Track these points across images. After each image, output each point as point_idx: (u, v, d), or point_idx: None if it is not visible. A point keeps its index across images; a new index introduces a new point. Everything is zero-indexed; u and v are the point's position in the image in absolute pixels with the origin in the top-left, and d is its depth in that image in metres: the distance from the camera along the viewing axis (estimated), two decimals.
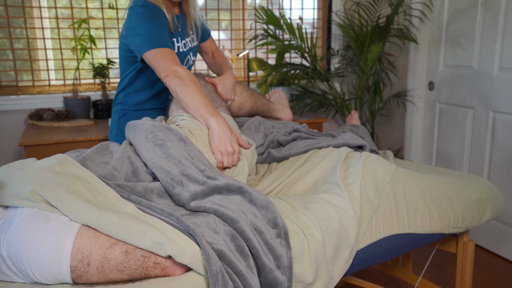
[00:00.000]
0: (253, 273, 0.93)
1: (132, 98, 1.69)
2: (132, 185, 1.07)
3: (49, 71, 2.42)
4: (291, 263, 0.99)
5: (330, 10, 2.87)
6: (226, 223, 0.99)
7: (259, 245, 0.96)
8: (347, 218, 1.17)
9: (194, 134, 1.31)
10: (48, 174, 0.94)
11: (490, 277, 2.27)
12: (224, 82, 1.65)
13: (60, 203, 0.89)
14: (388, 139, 3.18)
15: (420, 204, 1.38)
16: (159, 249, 0.87)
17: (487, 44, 2.45)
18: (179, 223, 0.94)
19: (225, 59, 1.83)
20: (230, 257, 0.90)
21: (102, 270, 0.86)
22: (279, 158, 1.55)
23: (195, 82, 1.38)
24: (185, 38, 1.66)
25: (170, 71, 1.39)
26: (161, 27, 1.47)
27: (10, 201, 0.91)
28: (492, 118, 2.46)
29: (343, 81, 2.98)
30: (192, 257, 0.88)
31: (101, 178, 1.03)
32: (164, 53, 1.43)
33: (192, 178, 1.09)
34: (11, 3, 2.27)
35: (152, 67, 1.44)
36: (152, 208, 0.99)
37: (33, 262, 0.83)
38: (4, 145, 2.33)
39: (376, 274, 2.29)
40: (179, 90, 1.36)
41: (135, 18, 1.46)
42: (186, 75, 1.38)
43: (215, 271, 0.85)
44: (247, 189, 1.08)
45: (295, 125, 1.70)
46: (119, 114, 1.72)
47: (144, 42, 1.43)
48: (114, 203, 0.97)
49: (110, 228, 0.88)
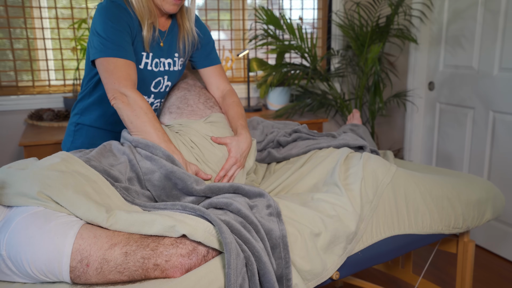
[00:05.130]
0: (257, 241, 0.97)
1: (89, 112, 1.48)
2: (140, 191, 1.11)
3: (49, 71, 2.41)
4: (284, 234, 1.02)
5: (330, 10, 2.87)
6: (222, 209, 1.04)
7: (257, 221, 1.01)
8: (345, 214, 1.18)
9: (196, 142, 1.31)
10: (53, 173, 0.95)
11: (491, 277, 2.27)
12: (239, 145, 1.34)
13: (70, 205, 0.91)
14: (388, 139, 3.18)
15: (420, 204, 1.38)
16: (171, 232, 0.91)
17: (487, 44, 2.45)
18: (185, 208, 1.00)
19: (241, 112, 1.45)
20: (238, 227, 0.96)
21: (101, 271, 0.86)
22: (279, 159, 1.55)
23: (147, 111, 1.20)
24: (163, 58, 1.40)
25: (118, 94, 1.20)
26: (123, 31, 1.26)
27: (14, 200, 0.91)
28: (492, 118, 2.46)
29: (343, 81, 2.98)
30: (205, 233, 0.92)
31: (107, 179, 1.04)
32: (117, 67, 1.22)
33: (185, 191, 1.13)
34: (11, 3, 2.27)
35: (102, 81, 1.25)
36: (156, 206, 1.04)
37: (33, 261, 0.83)
38: (4, 145, 2.33)
39: (376, 274, 2.29)
40: (128, 121, 1.19)
41: (98, 13, 1.27)
42: (136, 102, 1.19)
43: (229, 239, 0.90)
44: (238, 185, 1.12)
45: (295, 125, 1.70)
46: (75, 126, 1.50)
47: (99, 46, 1.23)
48: (119, 206, 1.00)
49: (122, 224, 0.91)
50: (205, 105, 1.44)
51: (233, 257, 0.88)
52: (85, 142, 1.49)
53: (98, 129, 1.49)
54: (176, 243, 0.91)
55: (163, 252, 0.88)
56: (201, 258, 0.92)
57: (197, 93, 1.49)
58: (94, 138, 1.49)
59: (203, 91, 1.50)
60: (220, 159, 1.32)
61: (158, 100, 1.48)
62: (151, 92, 1.43)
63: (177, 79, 1.50)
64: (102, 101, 1.45)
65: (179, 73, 1.48)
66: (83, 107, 1.48)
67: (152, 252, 0.88)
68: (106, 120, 1.49)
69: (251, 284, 0.92)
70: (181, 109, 1.42)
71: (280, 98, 2.66)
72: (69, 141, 1.51)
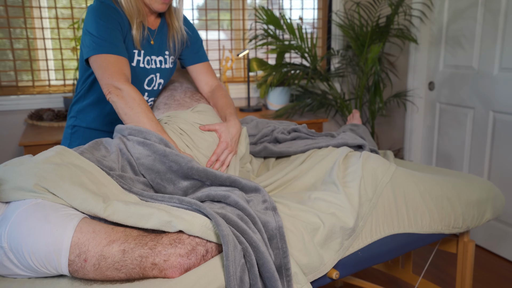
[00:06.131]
0: (255, 232, 0.97)
1: (85, 114, 1.50)
2: (134, 178, 1.11)
3: (49, 71, 2.41)
4: (280, 225, 1.02)
5: (330, 10, 2.87)
6: (220, 202, 1.04)
7: (254, 212, 1.01)
8: (342, 211, 1.18)
9: (184, 129, 1.32)
10: (49, 166, 0.95)
11: (491, 277, 2.27)
12: (228, 129, 1.36)
13: (67, 196, 0.91)
14: (388, 139, 3.18)
15: (420, 204, 1.38)
16: (168, 227, 0.91)
17: (487, 44, 2.45)
18: (181, 202, 0.99)
19: (230, 102, 1.49)
20: (234, 219, 0.96)
21: (98, 267, 0.86)
22: (276, 153, 1.54)
23: (140, 103, 1.23)
24: (154, 56, 1.44)
25: (112, 88, 1.23)
26: (114, 29, 1.29)
27: (12, 195, 0.91)
28: (492, 118, 2.46)
29: (343, 81, 2.98)
30: (202, 228, 0.92)
31: (103, 168, 1.05)
32: (111, 62, 1.25)
33: (180, 172, 1.13)
34: (11, 3, 2.27)
35: (96, 77, 1.28)
36: (154, 197, 1.04)
37: (33, 253, 0.84)
38: (4, 145, 2.33)
39: (376, 274, 2.29)
40: (122, 113, 1.23)
41: (89, 14, 1.29)
42: (130, 94, 1.22)
43: (226, 231, 0.90)
44: (235, 178, 1.12)
45: (294, 124, 1.70)
46: (72, 129, 1.53)
47: (92, 44, 1.26)
48: (116, 194, 0.99)
49: (119, 215, 0.90)
50: (191, 98, 1.49)
51: (231, 249, 0.89)
52: (82, 144, 1.50)
53: (94, 131, 1.52)
54: (175, 242, 0.90)
55: (161, 252, 0.88)
56: (200, 258, 0.92)
57: (183, 91, 1.54)
58: (91, 140, 1.49)
59: (189, 89, 1.54)
60: (211, 144, 1.33)
61: (152, 98, 1.52)
62: (145, 90, 1.46)
63: (169, 77, 1.54)
64: (98, 102, 1.47)
65: (170, 71, 1.52)
66: (79, 109, 1.50)
67: (150, 251, 0.88)
68: (102, 121, 1.50)
69: (250, 275, 0.92)
70: (168, 104, 1.47)
71: (280, 98, 2.66)
72: (66, 144, 1.53)
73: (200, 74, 1.55)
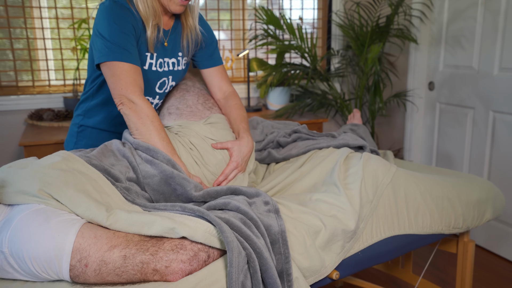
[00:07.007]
0: (258, 237, 0.97)
1: (93, 114, 1.47)
2: (140, 192, 1.11)
3: (49, 71, 2.41)
4: (282, 229, 1.02)
5: (330, 10, 2.87)
6: (222, 209, 1.04)
7: (257, 216, 1.01)
8: (344, 213, 1.18)
9: (195, 144, 1.31)
10: (54, 171, 0.95)
11: (491, 277, 2.27)
12: (241, 148, 1.33)
13: (71, 202, 0.91)
14: (388, 139, 3.18)
15: (420, 204, 1.38)
16: (171, 234, 0.90)
17: (487, 44, 2.45)
18: (184, 209, 0.99)
19: (243, 115, 1.44)
20: (238, 224, 0.95)
21: (99, 272, 0.85)
22: (279, 159, 1.55)
23: (153, 120, 1.19)
24: (167, 58, 1.39)
25: (125, 100, 1.19)
26: (128, 33, 1.24)
27: (15, 199, 0.91)
28: (492, 118, 2.46)
29: (343, 81, 2.98)
30: (205, 234, 0.91)
31: (108, 178, 1.05)
32: (124, 71, 1.20)
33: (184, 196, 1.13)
34: (11, 3, 2.27)
35: (108, 84, 1.24)
36: (156, 207, 1.04)
37: (35, 258, 0.84)
38: (4, 145, 2.33)
39: (376, 274, 2.29)
40: (134, 127, 1.19)
41: (102, 14, 1.23)
42: (144, 110, 1.19)
43: (230, 238, 0.89)
44: (236, 187, 1.12)
45: (295, 125, 1.70)
46: (78, 127, 1.49)
47: (104, 49, 1.21)
48: (119, 205, 0.99)
49: (121, 224, 0.90)
50: (204, 106, 1.44)
51: (235, 256, 0.88)
52: (89, 144, 1.48)
53: (102, 131, 1.48)
54: (176, 248, 0.89)
55: (163, 258, 0.87)
56: (202, 263, 0.92)
57: (196, 93, 1.48)
58: (98, 140, 1.48)
59: (201, 92, 1.50)
60: (220, 162, 1.31)
61: (162, 100, 1.48)
62: (156, 93, 1.42)
63: (181, 78, 1.49)
64: (107, 103, 1.44)
65: (183, 73, 1.47)
66: (87, 109, 1.47)
67: (151, 257, 0.87)
68: (110, 122, 1.48)
69: (253, 281, 0.92)
70: (181, 109, 1.42)
71: (280, 98, 2.66)
72: (72, 141, 1.50)
73: (214, 79, 1.50)
